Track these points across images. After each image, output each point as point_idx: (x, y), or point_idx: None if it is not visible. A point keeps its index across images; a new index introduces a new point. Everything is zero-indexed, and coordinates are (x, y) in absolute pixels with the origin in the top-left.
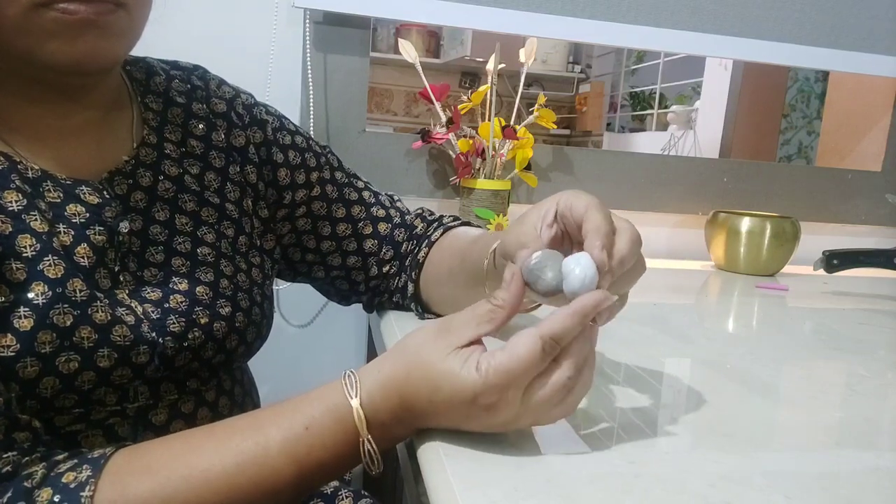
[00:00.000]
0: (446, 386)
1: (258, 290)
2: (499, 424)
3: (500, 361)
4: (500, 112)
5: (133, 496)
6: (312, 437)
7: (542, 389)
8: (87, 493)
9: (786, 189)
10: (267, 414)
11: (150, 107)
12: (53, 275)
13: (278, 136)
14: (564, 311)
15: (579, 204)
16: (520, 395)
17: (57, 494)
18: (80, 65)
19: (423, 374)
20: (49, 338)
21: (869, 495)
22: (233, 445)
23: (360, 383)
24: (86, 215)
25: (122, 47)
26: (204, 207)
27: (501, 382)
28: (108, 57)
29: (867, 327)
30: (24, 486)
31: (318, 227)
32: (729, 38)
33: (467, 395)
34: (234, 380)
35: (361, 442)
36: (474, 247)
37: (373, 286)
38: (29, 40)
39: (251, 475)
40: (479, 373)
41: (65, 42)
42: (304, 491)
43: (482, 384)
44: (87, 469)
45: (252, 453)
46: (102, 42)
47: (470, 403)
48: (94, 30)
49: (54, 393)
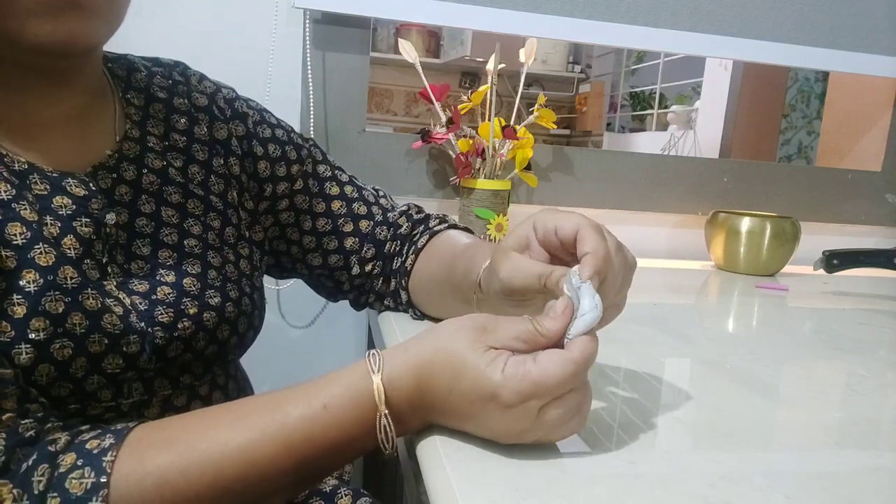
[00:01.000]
0: (468, 377)
1: (247, 281)
2: (506, 432)
3: (530, 370)
4: (500, 112)
5: (151, 466)
6: (330, 416)
7: (557, 409)
8: (109, 458)
9: (786, 189)
10: (286, 393)
11: (131, 102)
12: (45, 262)
13: (259, 130)
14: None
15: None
16: (537, 410)
17: (80, 459)
18: (63, 45)
19: (447, 359)
20: (42, 325)
21: (869, 495)
22: (251, 422)
23: (384, 361)
24: (72, 207)
25: (105, 28)
26: (189, 199)
27: (526, 391)
28: (90, 37)
29: (867, 327)
30: (49, 450)
31: (300, 220)
32: (728, 39)
33: (487, 391)
34: (228, 375)
35: (378, 417)
36: (462, 258)
37: (357, 285)
38: (11, 22)
39: (267, 451)
40: (503, 374)
41: (47, 22)
42: (314, 472)
43: (504, 384)
44: (110, 438)
45: (269, 430)
46: (84, 22)
47: (487, 400)
48: (76, 10)
49: (49, 381)
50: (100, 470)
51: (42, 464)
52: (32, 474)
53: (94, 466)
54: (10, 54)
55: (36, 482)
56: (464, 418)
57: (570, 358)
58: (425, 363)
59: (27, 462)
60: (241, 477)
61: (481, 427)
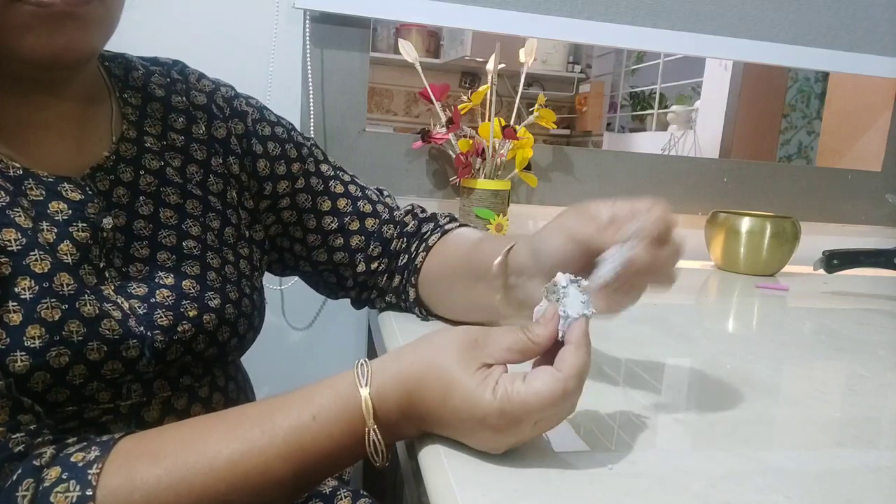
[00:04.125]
0: (458, 397)
1: (247, 282)
2: (502, 446)
3: (519, 392)
4: (500, 112)
5: (139, 481)
6: (319, 427)
7: (547, 421)
8: (95, 471)
9: (786, 189)
10: (278, 402)
11: (128, 102)
12: (40, 270)
13: (258, 128)
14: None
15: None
16: (530, 426)
17: (65, 472)
18: (58, 57)
19: (439, 376)
20: (38, 332)
21: (869, 495)
22: (240, 433)
23: (373, 374)
24: (68, 212)
25: (100, 37)
26: (188, 200)
27: (516, 413)
28: (85, 48)
29: (867, 327)
30: (34, 464)
31: (303, 219)
32: (728, 39)
33: (477, 413)
34: (228, 376)
35: (367, 432)
36: (480, 250)
37: (360, 281)
38: (6, 36)
39: (258, 463)
40: (494, 396)
41: (42, 35)
42: (309, 480)
43: (495, 408)
44: (96, 450)
45: (258, 441)
46: (79, 33)
47: (478, 421)
48: (72, 21)
49: (45, 387)
50: (85, 483)
51: (27, 478)
52: (17, 489)
53: (80, 480)
54: (4, 66)
55: (21, 497)
56: (456, 433)
57: (560, 377)
58: (417, 376)
59: (12, 477)
60: (231, 490)
61: (473, 443)
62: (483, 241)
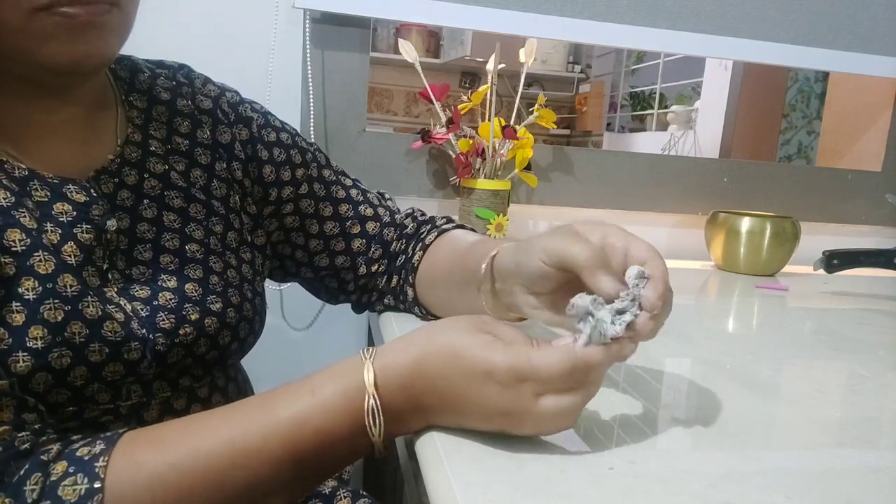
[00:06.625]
0: (466, 355)
1: (249, 287)
2: (498, 412)
3: (529, 354)
4: (500, 112)
5: (142, 462)
6: (318, 402)
7: (552, 400)
8: (101, 464)
9: (786, 189)
10: (279, 388)
11: (134, 105)
12: (44, 270)
13: (263, 133)
14: (604, 348)
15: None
16: (532, 394)
17: (72, 466)
18: (78, 65)
19: (446, 342)
20: (41, 333)
21: (869, 495)
22: (240, 415)
23: (377, 350)
24: (73, 214)
25: (118, 44)
26: (191, 204)
27: (522, 370)
28: (104, 55)
29: (867, 327)
30: (41, 459)
31: (306, 224)
32: (728, 39)
33: (484, 367)
34: (228, 377)
35: (366, 398)
36: (472, 252)
37: (361, 285)
38: (28, 43)
39: (256, 439)
40: (505, 352)
41: (64, 44)
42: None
43: (501, 361)
44: (101, 444)
45: (256, 419)
46: (100, 42)
47: (482, 378)
48: (93, 30)
49: (47, 388)
50: (93, 476)
51: (34, 473)
52: (25, 483)
53: (87, 472)
54: (19, 70)
55: (29, 491)
56: (458, 401)
57: (572, 353)
58: (423, 347)
59: (20, 473)
60: (231, 467)
61: (475, 408)
62: (476, 243)
